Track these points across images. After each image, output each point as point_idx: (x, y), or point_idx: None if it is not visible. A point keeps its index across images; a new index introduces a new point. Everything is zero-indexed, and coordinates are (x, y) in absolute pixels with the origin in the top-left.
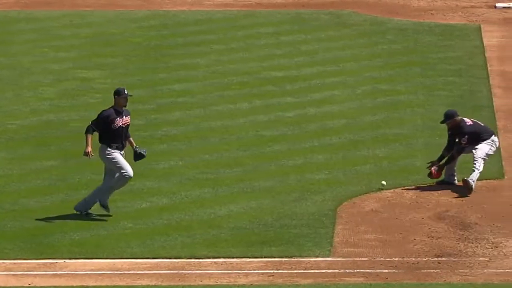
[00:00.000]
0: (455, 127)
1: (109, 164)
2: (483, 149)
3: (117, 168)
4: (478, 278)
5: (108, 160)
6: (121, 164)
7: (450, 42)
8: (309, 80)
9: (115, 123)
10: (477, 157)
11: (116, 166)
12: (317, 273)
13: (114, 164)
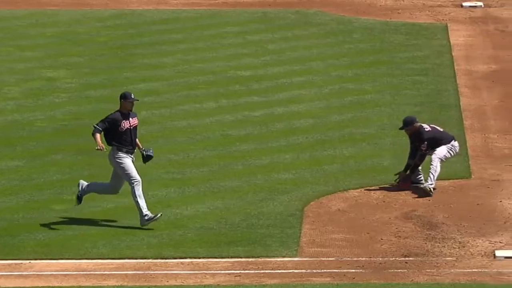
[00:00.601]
0: (414, 133)
1: (117, 169)
2: (441, 151)
3: (125, 175)
4: (445, 277)
5: (118, 165)
6: (129, 171)
7: (417, 41)
8: (276, 79)
9: (122, 126)
10: (434, 158)
11: (124, 173)
12: (284, 273)
13: (122, 170)
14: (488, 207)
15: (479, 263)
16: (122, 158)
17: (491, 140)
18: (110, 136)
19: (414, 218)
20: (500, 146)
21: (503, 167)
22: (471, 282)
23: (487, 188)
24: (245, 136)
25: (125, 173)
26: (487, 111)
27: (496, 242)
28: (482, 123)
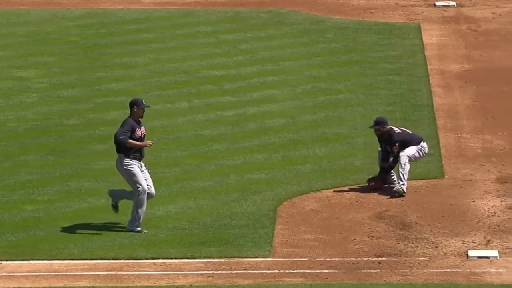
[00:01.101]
0: (384, 135)
1: (125, 176)
2: (410, 150)
3: (132, 182)
4: (418, 278)
5: (125, 172)
6: (137, 178)
7: (390, 41)
8: (248, 79)
9: (136, 133)
10: (403, 155)
11: (132, 179)
12: (256, 273)
13: (130, 177)
14: (461, 207)
15: (452, 263)
16: (130, 165)
17: (464, 140)
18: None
19: (387, 218)
20: (473, 146)
21: (476, 167)
22: (444, 282)
23: (460, 188)
24: (217, 136)
25: (132, 179)
26: (460, 110)
27: (469, 242)
28: (455, 123)
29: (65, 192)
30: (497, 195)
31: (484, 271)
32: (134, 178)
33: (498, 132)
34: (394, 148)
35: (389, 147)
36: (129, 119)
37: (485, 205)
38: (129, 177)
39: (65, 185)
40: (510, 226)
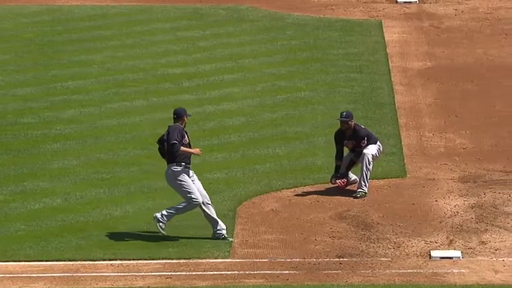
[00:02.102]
0: (349, 129)
1: (175, 187)
2: (372, 149)
3: (183, 192)
4: (380, 279)
5: (178, 185)
6: (189, 188)
7: (351, 38)
8: (207, 77)
9: (185, 139)
10: (368, 153)
11: (183, 189)
12: (216, 275)
13: (180, 187)
14: (423, 207)
15: (414, 264)
16: (182, 175)
17: (426, 138)
18: (171, 152)
19: (349, 218)
20: (435, 145)
21: (439, 166)
22: (406, 283)
23: (423, 187)
24: None
25: (183, 189)
26: (422, 109)
27: (431, 242)
28: (417, 121)
29: (20, 192)
30: (460, 194)
31: (446, 271)
32: (185, 188)
33: (461, 131)
34: (362, 143)
35: (353, 142)
36: (178, 126)
37: (448, 204)
38: (181, 188)
39: (20, 185)
40: (473, 226)
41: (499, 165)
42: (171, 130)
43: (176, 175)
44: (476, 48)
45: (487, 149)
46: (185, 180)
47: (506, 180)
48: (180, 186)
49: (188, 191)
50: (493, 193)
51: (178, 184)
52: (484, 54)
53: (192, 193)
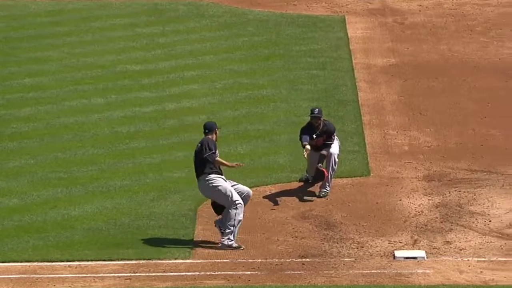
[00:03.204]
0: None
1: (215, 196)
2: (336, 149)
3: (225, 198)
4: (343, 279)
5: (215, 191)
6: (229, 192)
7: (313, 34)
8: (167, 74)
9: (217, 151)
10: (334, 153)
11: (225, 195)
12: (176, 276)
13: (221, 194)
14: (387, 206)
15: (378, 264)
16: (216, 181)
17: (390, 136)
18: (203, 164)
19: (311, 218)
20: (399, 143)
21: (403, 164)
22: (370, 283)
23: (386, 186)
24: (135, 133)
25: (224, 195)
26: (386, 106)
27: (395, 242)
28: (381, 119)
29: None
30: (424, 193)
31: (411, 272)
32: (226, 193)
33: (425, 129)
34: (333, 137)
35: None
36: (211, 139)
37: (412, 203)
38: (220, 195)
39: None
40: (438, 226)
41: (464, 163)
42: (204, 142)
43: (211, 183)
44: (441, 45)
45: (452, 147)
46: (221, 183)
47: (471, 178)
48: (219, 192)
49: (228, 196)
50: (458, 192)
51: (216, 191)
52: (448, 51)
53: (232, 196)
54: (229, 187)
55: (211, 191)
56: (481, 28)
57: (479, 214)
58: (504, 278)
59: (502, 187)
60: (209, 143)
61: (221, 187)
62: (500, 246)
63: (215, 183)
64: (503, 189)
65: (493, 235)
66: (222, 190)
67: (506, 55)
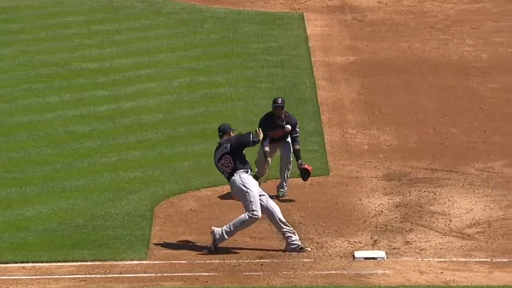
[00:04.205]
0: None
1: (241, 195)
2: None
3: (246, 201)
4: (302, 280)
5: (243, 190)
6: (253, 199)
7: (271, 32)
8: (123, 72)
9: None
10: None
11: (247, 199)
12: (132, 277)
13: (246, 197)
14: (346, 206)
15: (337, 265)
16: (251, 185)
17: (350, 135)
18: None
19: None
20: (359, 142)
21: (362, 164)
22: (329, 284)
23: (346, 185)
24: (90, 132)
25: (248, 200)
26: (346, 104)
27: (355, 243)
28: (340, 117)
29: None
30: (384, 193)
31: (370, 272)
32: (250, 199)
33: (385, 127)
34: (297, 127)
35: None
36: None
37: (372, 203)
38: (245, 198)
39: None
40: (398, 226)
41: (424, 162)
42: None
43: (245, 182)
44: (401, 42)
45: (412, 146)
46: (252, 190)
47: (432, 178)
48: (246, 195)
49: (251, 201)
50: (418, 191)
51: (245, 192)
52: (408, 48)
53: (253, 204)
54: (257, 196)
55: (241, 191)
56: (441, 25)
57: (440, 213)
58: (465, 278)
59: (463, 186)
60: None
61: (250, 192)
62: (461, 246)
63: (247, 185)
64: (464, 188)
65: (454, 235)
66: (249, 195)
67: (467, 53)
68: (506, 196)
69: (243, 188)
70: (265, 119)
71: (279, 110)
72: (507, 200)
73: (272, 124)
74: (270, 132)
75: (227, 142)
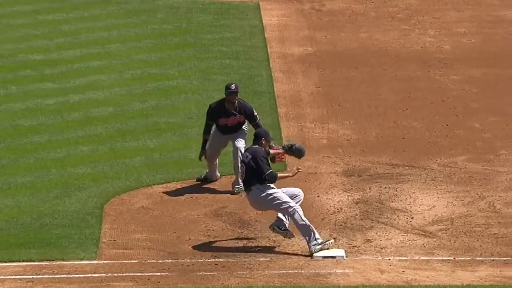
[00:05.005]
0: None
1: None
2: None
3: (278, 205)
4: (258, 280)
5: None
6: (281, 198)
7: (226, 22)
8: (71, 63)
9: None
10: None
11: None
12: (82, 277)
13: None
14: (305, 203)
15: (295, 264)
16: (269, 189)
17: (308, 129)
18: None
19: (225, 216)
20: (317, 136)
21: (321, 159)
22: (286, 284)
23: (304, 181)
24: (37, 126)
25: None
26: (303, 98)
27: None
28: (297, 111)
29: None
30: (344, 189)
31: (329, 272)
32: (281, 200)
33: (344, 121)
34: (255, 113)
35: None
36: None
37: (331, 200)
38: (277, 204)
39: None
40: (358, 223)
41: (385, 157)
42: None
43: (264, 191)
44: (360, 32)
45: (372, 141)
46: (274, 191)
47: (392, 173)
48: (273, 200)
49: (282, 201)
50: (378, 187)
51: (270, 200)
52: (368, 39)
53: (287, 202)
54: (281, 193)
55: (264, 202)
56: (402, 15)
57: (401, 210)
58: (427, 277)
59: (425, 182)
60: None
61: (275, 194)
62: (423, 244)
63: (268, 191)
64: (426, 184)
65: (415, 232)
66: (276, 198)
67: (428, 43)
68: (469, 192)
69: (266, 197)
70: (216, 106)
71: (233, 97)
72: (470, 197)
73: (224, 111)
74: (223, 120)
75: (251, 154)
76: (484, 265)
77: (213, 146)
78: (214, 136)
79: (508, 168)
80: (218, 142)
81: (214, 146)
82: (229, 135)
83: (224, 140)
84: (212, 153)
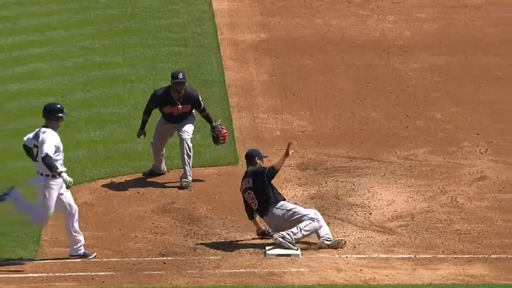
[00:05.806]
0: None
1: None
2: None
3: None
4: (208, 279)
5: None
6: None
7: (174, 7)
8: (9, 51)
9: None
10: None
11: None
12: (21, 277)
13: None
14: None
15: (247, 263)
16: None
17: (261, 120)
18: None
19: (173, 212)
20: (270, 128)
21: (274, 152)
22: (238, 284)
23: None
24: None
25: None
26: (256, 87)
27: (266, 238)
28: (250, 101)
29: None
30: (298, 183)
31: (284, 271)
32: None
33: (299, 112)
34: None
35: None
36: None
37: (285, 195)
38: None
39: None
40: None
41: (342, 150)
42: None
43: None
44: (316, 18)
45: (329, 132)
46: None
47: (350, 167)
48: (293, 215)
49: (302, 214)
50: (335, 182)
51: (290, 215)
52: (324, 25)
53: (307, 214)
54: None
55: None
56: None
57: (359, 206)
58: (386, 276)
59: (384, 176)
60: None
61: (293, 209)
62: (382, 241)
63: (286, 207)
64: (385, 178)
65: (374, 229)
66: (295, 212)
67: (388, 30)
68: (431, 186)
69: (285, 213)
70: (161, 94)
71: (180, 86)
72: (431, 191)
73: (170, 100)
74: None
75: (251, 177)
76: (446, 263)
77: (159, 135)
78: (160, 124)
79: (471, 161)
80: (165, 131)
81: (160, 135)
82: (175, 124)
83: (171, 128)
84: (158, 143)
